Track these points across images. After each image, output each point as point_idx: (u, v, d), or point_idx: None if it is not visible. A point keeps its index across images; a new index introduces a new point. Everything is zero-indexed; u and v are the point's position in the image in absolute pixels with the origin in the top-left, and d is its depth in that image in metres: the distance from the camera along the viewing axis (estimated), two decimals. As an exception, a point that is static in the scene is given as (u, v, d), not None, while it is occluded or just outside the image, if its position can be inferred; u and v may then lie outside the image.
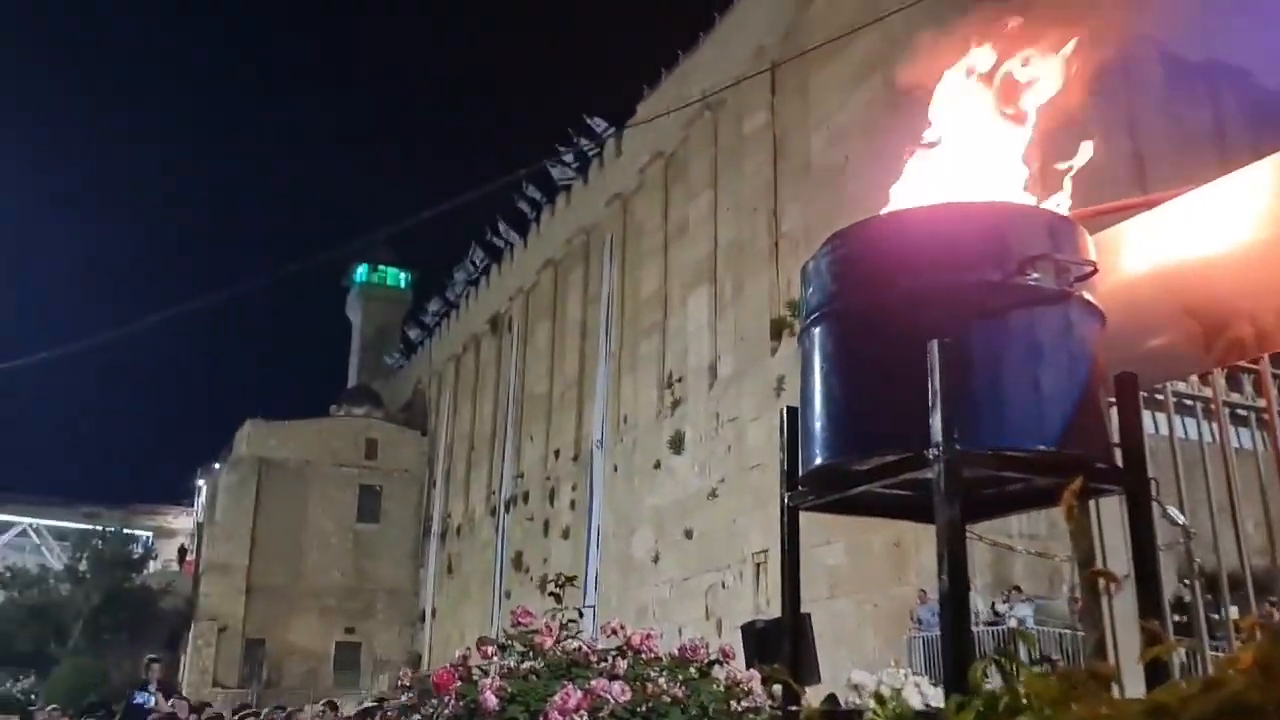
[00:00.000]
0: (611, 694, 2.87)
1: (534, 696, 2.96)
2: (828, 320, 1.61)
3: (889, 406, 1.53)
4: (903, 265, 1.51)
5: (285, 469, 36.87)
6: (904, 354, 1.50)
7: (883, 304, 1.50)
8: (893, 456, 1.54)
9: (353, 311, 50.54)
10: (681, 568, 20.45)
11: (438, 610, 35.23)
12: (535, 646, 3.23)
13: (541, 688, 3.01)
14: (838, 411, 1.61)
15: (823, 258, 1.63)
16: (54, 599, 33.81)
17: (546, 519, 27.85)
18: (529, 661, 3.17)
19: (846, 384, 1.60)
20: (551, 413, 28.92)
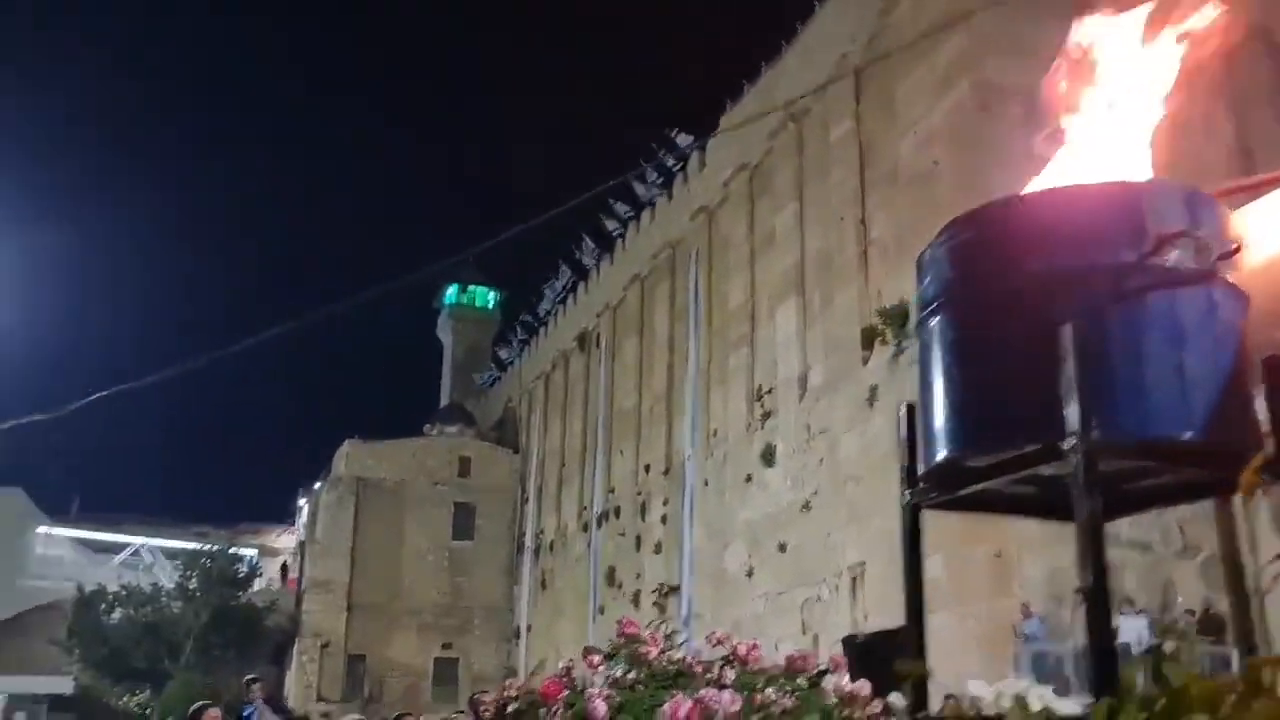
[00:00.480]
0: (721, 704, 2.81)
1: (641, 706, 2.92)
2: (949, 309, 1.54)
3: (1019, 397, 1.46)
4: (1031, 248, 1.44)
5: (382, 488, 37.62)
6: (1035, 341, 1.43)
7: (1010, 289, 1.42)
8: (1023, 449, 1.46)
9: (443, 332, 51.42)
10: (776, 582, 20.22)
11: (532, 626, 35.48)
12: (640, 657, 3.20)
13: (648, 698, 2.98)
14: (961, 404, 1.54)
15: (941, 246, 1.56)
16: (166, 616, 34.96)
17: (638, 534, 27.84)
18: (634, 671, 3.14)
19: (971, 375, 1.53)
20: (641, 427, 28.95)
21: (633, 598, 27.52)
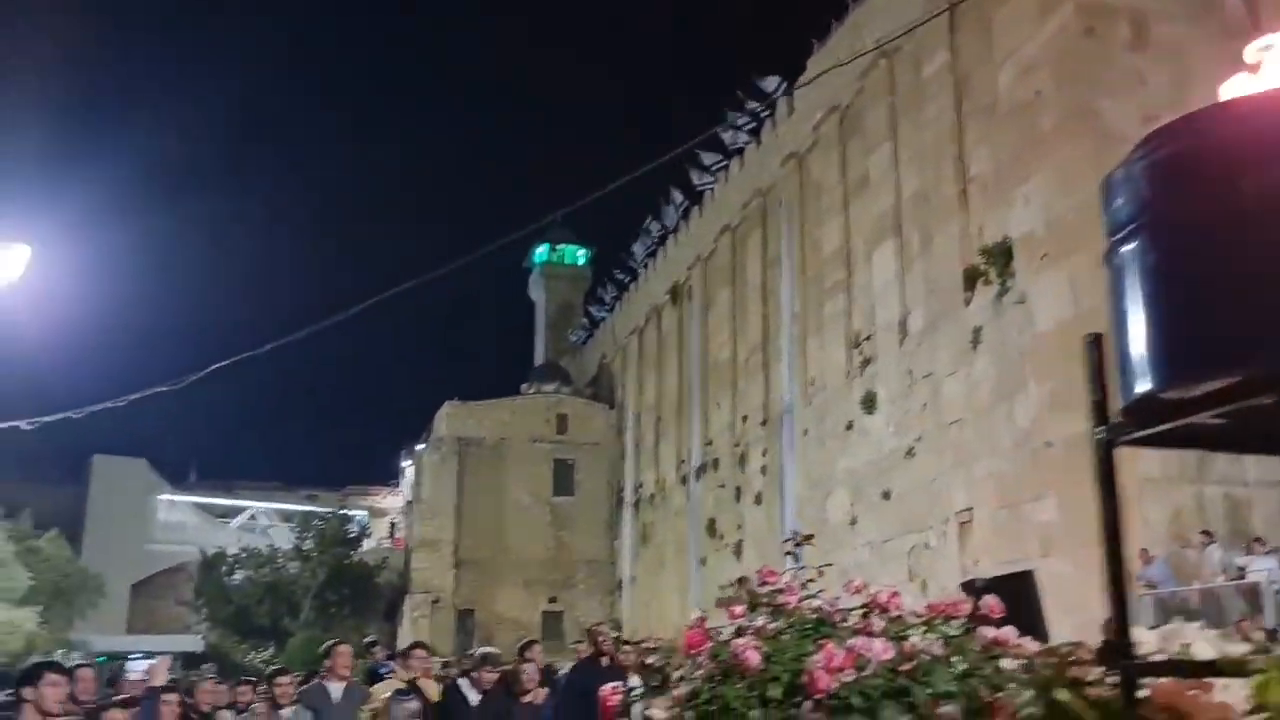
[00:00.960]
0: (873, 652, 2.75)
1: (787, 656, 2.87)
2: (1150, 231, 1.43)
3: (1232, 322, 1.35)
4: (1253, 158, 1.31)
5: (483, 447, 38.34)
6: (1256, 261, 1.31)
7: (1227, 207, 1.30)
8: (1236, 379, 1.36)
9: (535, 291, 51.87)
10: (880, 530, 20.03)
11: (635, 578, 35.90)
12: (780, 606, 3.15)
13: (794, 647, 2.93)
14: (1164, 333, 1.43)
15: (1138, 163, 1.44)
16: (284, 576, 36.39)
17: (738, 485, 27.83)
18: (776, 621, 3.09)
19: (1176, 301, 1.42)
20: (737, 379, 28.82)
21: (734, 549, 27.61)
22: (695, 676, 2.95)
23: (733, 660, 2.85)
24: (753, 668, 2.72)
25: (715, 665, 2.96)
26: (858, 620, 3.11)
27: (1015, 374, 16.25)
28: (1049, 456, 15.11)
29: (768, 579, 3.16)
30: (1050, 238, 15.70)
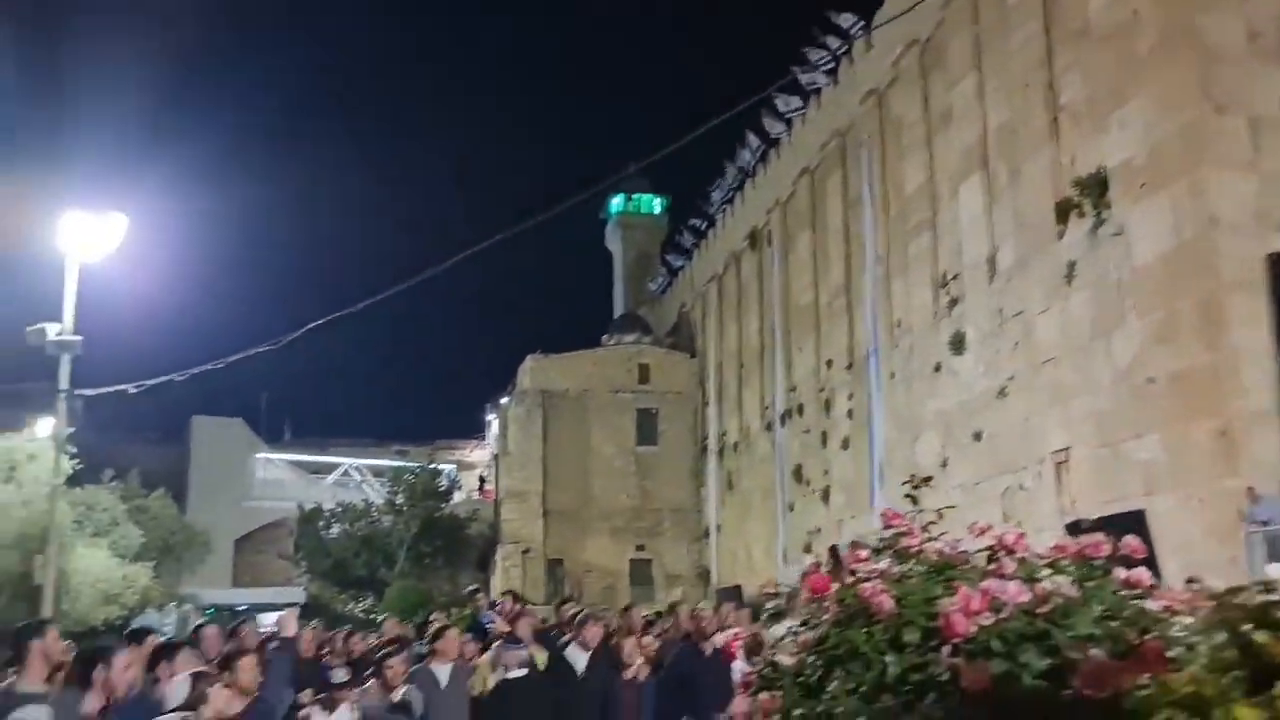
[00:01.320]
0: (1008, 595, 2.66)
1: (917, 599, 2.80)
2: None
3: None
4: None
5: (566, 398, 38.68)
6: None
7: None
8: None
9: (612, 242, 51.82)
10: (972, 472, 19.69)
11: (722, 526, 36.02)
12: (904, 550, 3.07)
13: (922, 591, 2.85)
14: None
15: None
16: (379, 529, 37.35)
17: (824, 430, 27.62)
18: (902, 565, 3.02)
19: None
20: (820, 323, 28.48)
21: (822, 494, 27.48)
22: (821, 621, 2.90)
23: (861, 605, 2.79)
24: (886, 612, 2.65)
25: (841, 609, 2.90)
26: (983, 563, 3.02)
27: (1113, 309, 15.71)
28: (1151, 393, 14.64)
29: (893, 522, 3.09)
30: (1150, 165, 15.05)
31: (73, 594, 23.16)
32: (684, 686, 8.21)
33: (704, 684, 8.18)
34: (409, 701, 7.72)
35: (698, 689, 8.09)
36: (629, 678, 8.15)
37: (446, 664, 7.98)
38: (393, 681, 7.75)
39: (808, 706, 2.79)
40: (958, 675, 2.46)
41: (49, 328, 18.23)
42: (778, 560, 29.02)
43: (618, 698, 8.12)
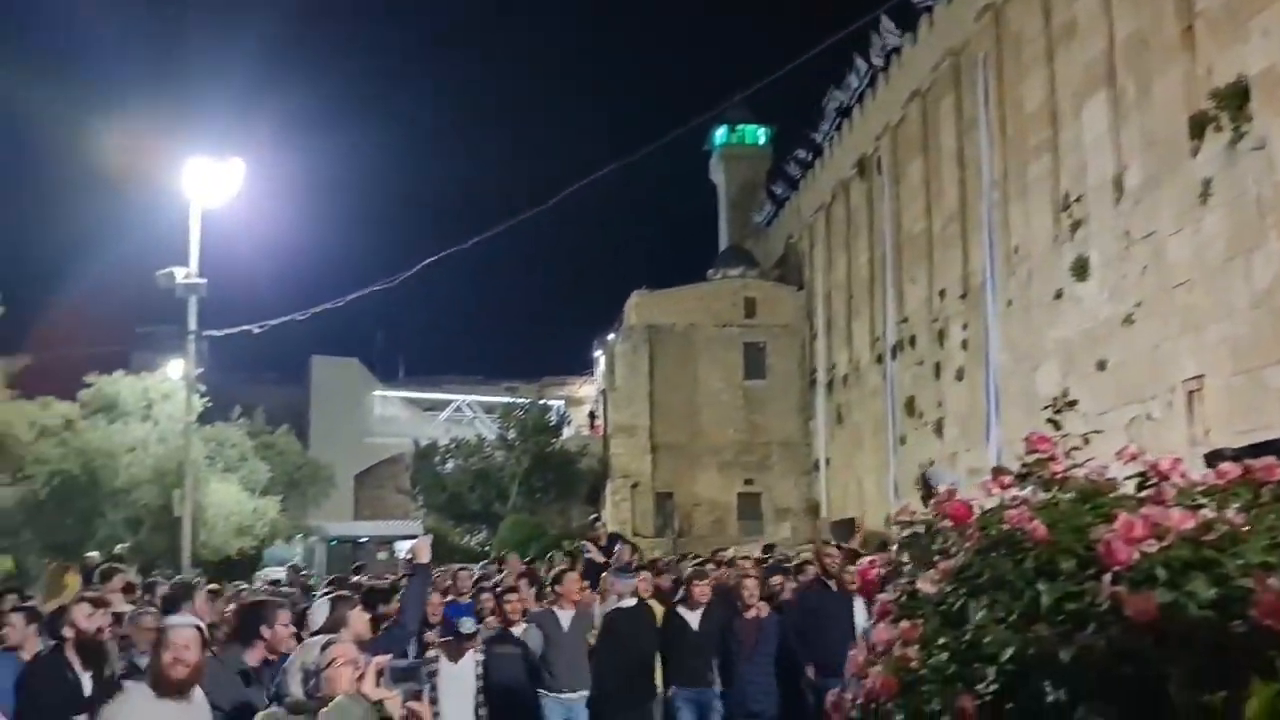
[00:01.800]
0: (1172, 521, 2.48)
1: (1068, 526, 2.64)
2: None
3: None
4: None
5: (673, 334, 38.67)
6: None
7: None
8: None
9: (716, 174, 51.15)
10: (1096, 402, 18.95)
11: (831, 460, 35.74)
12: (1051, 476, 2.91)
13: (1073, 518, 2.69)
14: None
15: None
16: (492, 464, 38.24)
17: (937, 361, 26.99)
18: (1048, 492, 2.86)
19: None
20: (932, 252, 27.68)
21: (935, 427, 26.96)
22: (965, 549, 2.77)
23: (1009, 533, 2.65)
24: (1039, 539, 2.50)
25: (984, 538, 2.76)
26: (1134, 490, 2.85)
27: (1253, 228, 14.81)
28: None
29: (1038, 446, 2.92)
30: (1296, 73, 14.03)
31: (208, 526, 24.39)
32: (807, 622, 8.20)
33: (829, 621, 8.15)
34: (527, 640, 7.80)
35: (822, 625, 8.07)
36: (750, 617, 8.15)
37: (569, 608, 8.05)
38: (512, 617, 7.90)
39: (950, 635, 2.67)
40: (1120, 605, 2.31)
41: (176, 271, 18.98)
42: (889, 493, 28.68)
43: (735, 635, 8.14)
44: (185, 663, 4.16)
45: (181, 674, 4.15)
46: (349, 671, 2.98)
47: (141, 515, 23.59)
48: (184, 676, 4.15)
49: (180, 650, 4.15)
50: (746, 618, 8.17)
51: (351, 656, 3.03)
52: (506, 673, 7.42)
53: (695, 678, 8.09)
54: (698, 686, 8.12)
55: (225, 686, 4.55)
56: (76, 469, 22.69)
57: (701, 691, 8.13)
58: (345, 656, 3.03)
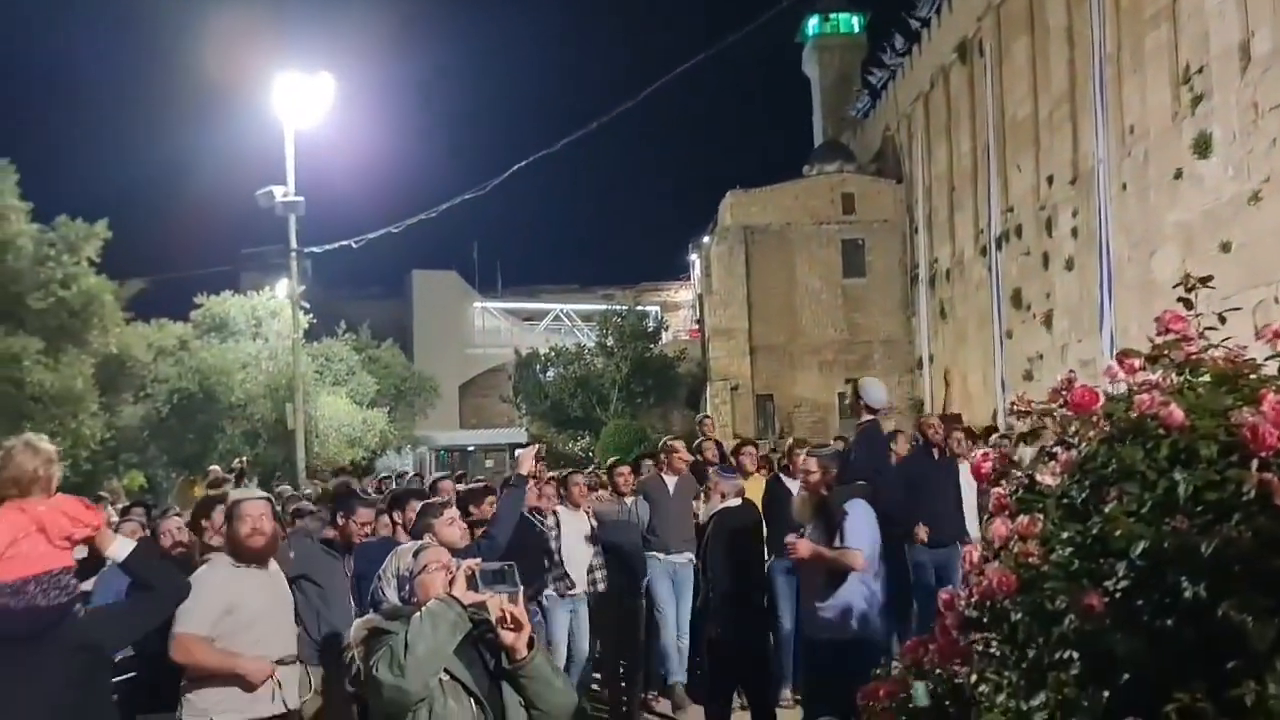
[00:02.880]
0: (1331, 403, 2.24)
1: (1206, 410, 2.41)
2: None
3: None
4: None
5: (768, 233, 38.03)
6: None
7: None
8: None
9: (809, 67, 49.51)
10: (1219, 286, 18.00)
11: (934, 356, 35.04)
12: (1185, 358, 2.67)
13: (1212, 401, 2.46)
14: None
15: None
16: (592, 371, 38.54)
17: (1045, 251, 25.98)
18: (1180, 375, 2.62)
19: None
20: (1039, 136, 26.41)
21: (1043, 319, 26.10)
22: (1089, 439, 2.57)
23: (1139, 420, 2.44)
24: (1177, 425, 2.29)
25: (1111, 426, 2.56)
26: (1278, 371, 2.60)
27: (1398, 91, 13.66)
28: None
29: (1172, 326, 2.67)
30: None
31: (320, 438, 25.25)
32: (912, 488, 8.17)
33: (934, 488, 8.13)
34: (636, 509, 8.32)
35: (927, 492, 8.07)
36: None
37: (674, 475, 8.44)
38: (623, 488, 8.43)
39: (1074, 529, 2.49)
40: (1269, 493, 2.10)
41: (275, 190, 19.28)
42: (995, 389, 28.00)
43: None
44: (262, 532, 4.42)
45: (259, 543, 4.42)
46: (442, 577, 2.96)
47: (258, 429, 24.52)
48: (261, 546, 4.43)
49: (256, 520, 4.42)
50: None
51: (444, 561, 3.02)
52: (617, 537, 8.06)
53: None
54: None
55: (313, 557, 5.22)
56: (194, 386, 23.60)
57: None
58: (438, 561, 3.01)
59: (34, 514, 3.27)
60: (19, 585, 3.15)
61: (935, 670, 3.15)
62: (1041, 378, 25.94)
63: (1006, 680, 2.63)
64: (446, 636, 2.77)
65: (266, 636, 4.38)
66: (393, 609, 2.97)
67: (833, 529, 5.58)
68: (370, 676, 2.76)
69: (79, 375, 17.79)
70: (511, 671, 2.89)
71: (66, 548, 3.31)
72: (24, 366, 16.48)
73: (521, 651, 2.87)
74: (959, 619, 2.86)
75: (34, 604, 3.16)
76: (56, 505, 3.37)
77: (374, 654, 2.79)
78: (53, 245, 18.34)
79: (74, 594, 3.40)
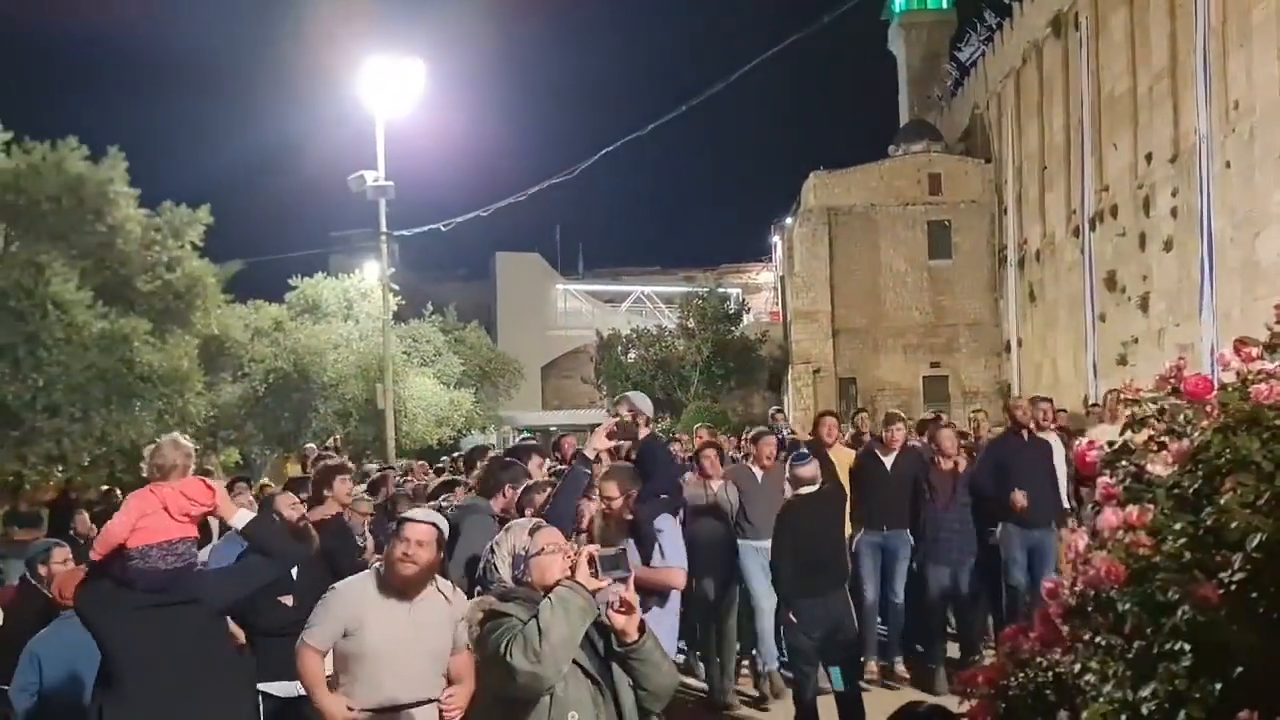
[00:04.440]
0: None
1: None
2: None
3: None
4: None
5: (852, 215, 37.54)
6: None
7: None
8: None
9: (894, 45, 48.60)
10: (1328, 269, 17.34)
11: (1023, 340, 34.29)
12: (1305, 346, 2.60)
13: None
14: None
15: None
16: (673, 353, 38.62)
17: (1142, 232, 25.19)
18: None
19: None
20: (1137, 113, 25.56)
21: (1139, 302, 25.33)
22: (1201, 428, 2.53)
23: (1255, 410, 2.39)
24: (1299, 413, 2.25)
25: (1225, 415, 2.51)
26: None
27: None
28: None
29: (1291, 311, 2.61)
30: None
31: (409, 417, 25.79)
32: (1000, 470, 8.08)
33: (1026, 468, 8.02)
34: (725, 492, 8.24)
35: (1020, 473, 7.96)
36: (946, 468, 8.09)
37: (762, 469, 8.42)
38: (709, 472, 8.27)
39: (1185, 520, 2.46)
40: (1399, 487, 2.05)
41: (366, 175, 19.71)
42: (1087, 374, 27.31)
43: (930, 485, 8.10)
44: (414, 560, 3.97)
45: (407, 572, 3.98)
46: (559, 559, 3.02)
47: (349, 408, 25.15)
48: (409, 575, 3.99)
49: (412, 545, 3.99)
50: (943, 468, 8.11)
51: (560, 543, 3.07)
52: (704, 521, 7.94)
53: (885, 520, 8.13)
54: (888, 529, 8.17)
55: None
56: (289, 366, 24.28)
57: (888, 536, 8.18)
58: (555, 543, 3.07)
59: (160, 494, 4.09)
60: (144, 550, 3.98)
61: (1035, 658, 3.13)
62: (1136, 363, 25.22)
63: (1113, 671, 2.62)
64: (578, 623, 2.81)
65: (381, 673, 3.98)
66: (506, 589, 3.02)
67: (649, 548, 5.49)
68: (502, 661, 2.77)
69: (185, 356, 18.45)
70: (623, 654, 2.94)
71: (185, 522, 4.09)
72: (134, 347, 17.15)
73: (633, 635, 2.91)
74: (1062, 607, 2.85)
75: (155, 566, 3.97)
76: (179, 487, 4.14)
77: (495, 636, 2.84)
78: (158, 230, 19.03)
79: (191, 559, 4.16)
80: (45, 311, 16.32)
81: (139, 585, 3.97)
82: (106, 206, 17.90)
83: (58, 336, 16.34)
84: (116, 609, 3.99)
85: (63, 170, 17.41)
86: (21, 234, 17.18)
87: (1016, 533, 8.11)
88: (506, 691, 2.80)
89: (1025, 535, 8.08)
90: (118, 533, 4.01)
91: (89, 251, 17.94)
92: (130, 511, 4.07)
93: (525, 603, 2.91)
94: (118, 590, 4.01)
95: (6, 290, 16.29)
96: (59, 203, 17.34)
